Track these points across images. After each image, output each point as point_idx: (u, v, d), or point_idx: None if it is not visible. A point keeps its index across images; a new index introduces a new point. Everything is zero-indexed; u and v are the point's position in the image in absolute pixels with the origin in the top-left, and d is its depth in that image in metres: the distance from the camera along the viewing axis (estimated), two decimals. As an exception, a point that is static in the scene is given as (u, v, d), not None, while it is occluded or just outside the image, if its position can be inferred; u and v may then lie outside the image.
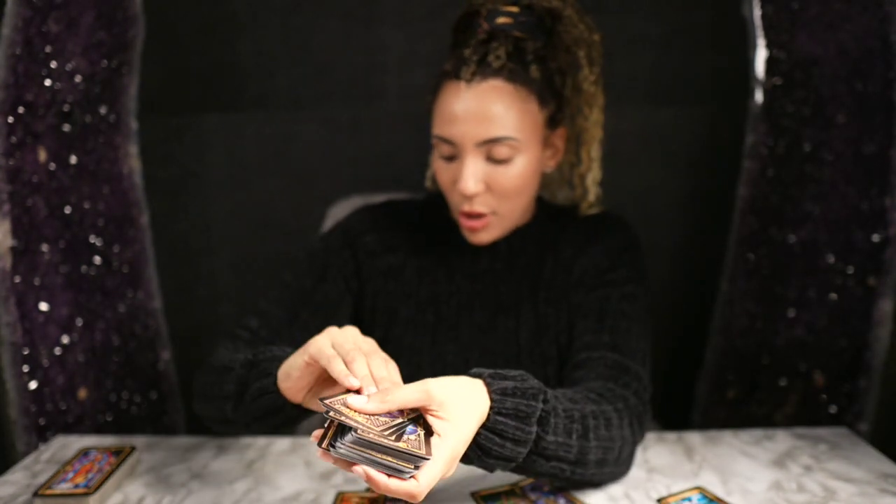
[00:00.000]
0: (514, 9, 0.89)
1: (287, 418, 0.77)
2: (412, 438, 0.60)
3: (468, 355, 0.95)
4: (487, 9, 0.89)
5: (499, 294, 0.97)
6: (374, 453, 0.58)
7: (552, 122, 0.92)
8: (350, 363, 0.66)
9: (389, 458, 0.58)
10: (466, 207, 0.90)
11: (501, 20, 0.88)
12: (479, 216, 0.91)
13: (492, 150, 0.86)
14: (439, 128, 0.89)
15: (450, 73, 0.88)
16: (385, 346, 0.95)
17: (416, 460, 0.58)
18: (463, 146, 0.87)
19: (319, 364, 0.69)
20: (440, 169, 0.91)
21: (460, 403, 0.65)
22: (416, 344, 0.96)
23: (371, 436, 0.58)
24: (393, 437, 0.59)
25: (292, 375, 0.72)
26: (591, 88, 0.94)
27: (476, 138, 0.86)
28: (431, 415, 0.64)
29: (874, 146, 1.17)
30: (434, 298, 0.97)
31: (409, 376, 0.93)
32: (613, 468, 0.80)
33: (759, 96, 1.24)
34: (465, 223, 0.92)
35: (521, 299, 0.96)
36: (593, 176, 0.99)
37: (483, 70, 0.85)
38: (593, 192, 0.99)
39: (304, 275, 0.98)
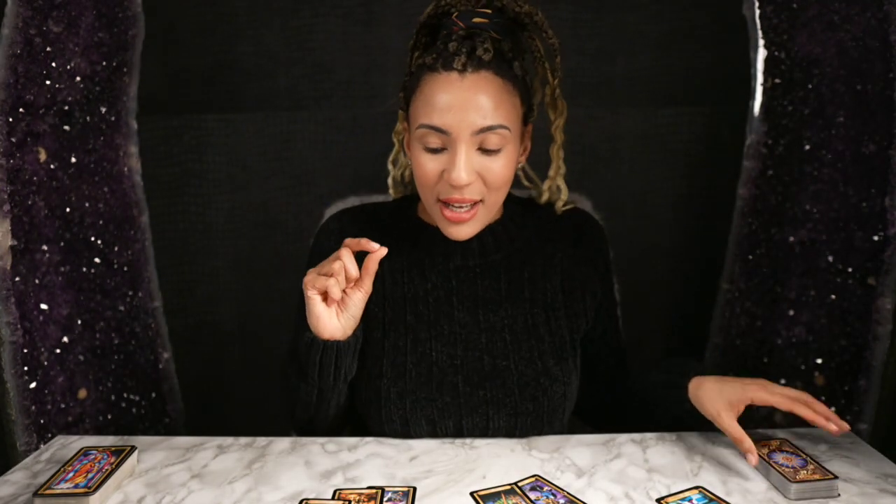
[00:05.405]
0: (488, 10, 0.91)
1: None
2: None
3: (452, 351, 0.95)
4: (459, 9, 0.90)
5: (476, 290, 0.98)
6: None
7: (525, 119, 0.94)
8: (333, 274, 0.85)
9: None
10: (457, 195, 0.88)
11: (477, 20, 0.89)
12: (468, 207, 0.89)
13: (485, 139, 0.87)
14: (429, 118, 0.87)
15: (434, 66, 0.88)
16: (366, 348, 0.96)
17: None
18: (458, 135, 0.86)
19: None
20: (424, 161, 0.89)
21: None
22: (398, 344, 0.96)
23: None
24: None
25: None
26: (556, 96, 0.97)
27: (473, 127, 0.85)
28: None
29: (874, 146, 1.17)
30: (411, 298, 0.98)
31: (394, 377, 0.93)
32: None
33: (759, 96, 1.24)
34: (450, 216, 0.89)
35: (503, 296, 0.98)
36: (562, 174, 1.02)
37: (474, 62, 0.86)
38: (565, 190, 1.03)
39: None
